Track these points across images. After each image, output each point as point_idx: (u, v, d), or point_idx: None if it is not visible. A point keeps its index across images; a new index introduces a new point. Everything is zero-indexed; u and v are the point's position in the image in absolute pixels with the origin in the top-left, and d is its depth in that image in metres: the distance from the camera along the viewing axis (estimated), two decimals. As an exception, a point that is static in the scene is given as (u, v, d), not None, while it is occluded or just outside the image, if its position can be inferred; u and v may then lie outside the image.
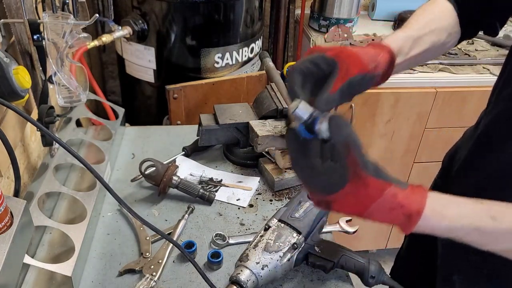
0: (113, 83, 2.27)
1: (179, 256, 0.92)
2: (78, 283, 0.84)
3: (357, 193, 0.55)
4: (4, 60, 0.76)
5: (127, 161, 1.21)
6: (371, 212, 0.56)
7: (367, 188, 0.54)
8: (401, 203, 0.55)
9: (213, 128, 1.15)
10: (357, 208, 0.56)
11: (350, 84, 0.63)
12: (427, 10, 0.84)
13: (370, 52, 0.68)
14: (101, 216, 1.02)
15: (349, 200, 0.56)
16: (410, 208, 0.55)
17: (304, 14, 2.10)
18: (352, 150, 0.54)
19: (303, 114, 0.57)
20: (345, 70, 0.63)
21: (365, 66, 0.64)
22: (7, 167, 0.92)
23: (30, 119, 0.71)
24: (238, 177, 1.16)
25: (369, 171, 0.54)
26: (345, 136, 0.54)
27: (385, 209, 0.55)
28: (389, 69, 0.71)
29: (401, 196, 0.55)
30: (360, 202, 0.55)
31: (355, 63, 0.64)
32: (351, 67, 0.63)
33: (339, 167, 0.55)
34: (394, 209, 0.55)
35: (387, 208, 0.55)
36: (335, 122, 0.56)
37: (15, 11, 0.91)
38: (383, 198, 0.54)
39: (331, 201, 0.57)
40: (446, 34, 0.81)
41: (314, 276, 0.90)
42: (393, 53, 0.71)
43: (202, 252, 0.94)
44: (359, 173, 0.54)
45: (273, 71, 1.27)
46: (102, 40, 1.43)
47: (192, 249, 0.91)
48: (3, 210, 0.64)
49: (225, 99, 1.62)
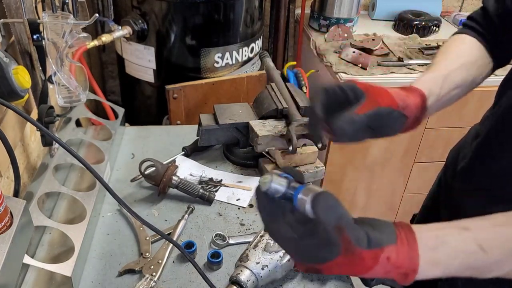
0: (112, 83, 2.27)
1: (179, 256, 0.92)
2: (78, 283, 0.84)
3: (351, 264, 0.52)
4: (4, 60, 0.76)
5: (127, 161, 1.21)
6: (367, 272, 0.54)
7: (362, 261, 0.52)
8: (396, 265, 0.53)
9: (213, 128, 1.14)
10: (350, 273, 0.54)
11: (379, 114, 0.64)
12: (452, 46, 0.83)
13: (401, 92, 0.69)
14: (101, 216, 1.02)
15: (341, 269, 0.53)
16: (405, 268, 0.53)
17: (304, 14, 2.10)
18: (343, 230, 0.50)
19: (279, 188, 0.53)
20: (373, 101, 0.64)
21: (394, 102, 0.66)
22: (7, 167, 0.92)
23: (30, 119, 0.71)
24: (238, 177, 1.16)
25: (361, 245, 0.51)
26: (336, 219, 0.50)
27: (380, 273, 0.54)
28: (422, 113, 0.71)
29: (394, 258, 0.53)
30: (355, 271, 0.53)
31: (384, 97, 0.66)
32: (380, 99, 0.65)
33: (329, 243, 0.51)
34: (389, 271, 0.53)
35: (382, 272, 0.54)
36: (322, 203, 0.51)
37: (15, 10, 0.91)
38: (378, 265, 0.52)
39: (321, 269, 0.54)
40: (476, 67, 0.80)
41: (314, 276, 0.90)
42: (424, 96, 0.71)
43: (202, 252, 0.94)
44: (353, 249, 0.51)
45: (273, 71, 1.27)
46: (102, 40, 1.43)
47: (192, 249, 0.91)
48: (2, 210, 0.63)
49: (225, 99, 1.62)
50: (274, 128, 1.10)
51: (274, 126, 1.11)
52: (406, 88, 0.72)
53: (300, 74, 1.78)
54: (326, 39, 1.91)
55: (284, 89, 1.18)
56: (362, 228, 0.52)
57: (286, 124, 1.11)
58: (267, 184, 0.53)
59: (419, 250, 0.53)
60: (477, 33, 0.83)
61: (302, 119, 1.07)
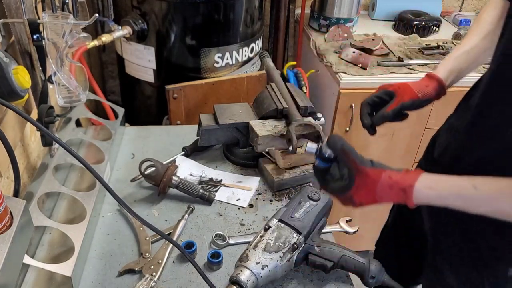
0: (112, 83, 2.27)
1: (179, 256, 0.92)
2: (78, 283, 0.84)
3: (364, 183, 0.73)
4: (4, 60, 0.76)
5: (127, 161, 1.21)
6: (379, 195, 0.73)
7: (368, 177, 0.72)
8: (396, 181, 0.71)
9: (213, 128, 1.14)
10: (369, 194, 0.73)
11: (402, 107, 0.92)
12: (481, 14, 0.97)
13: (422, 83, 0.94)
14: (101, 216, 1.02)
15: (361, 190, 0.74)
16: (404, 183, 0.71)
17: (304, 14, 2.09)
18: (348, 153, 0.74)
19: (312, 149, 0.83)
20: (400, 98, 0.93)
21: (415, 95, 0.92)
22: (7, 167, 0.92)
23: (30, 119, 0.71)
24: (238, 177, 1.16)
25: (366, 164, 0.73)
26: (340, 146, 0.76)
27: (386, 189, 0.72)
28: (441, 91, 0.94)
29: (396, 177, 0.72)
30: (369, 189, 0.73)
31: (407, 92, 0.92)
32: (404, 95, 0.92)
33: (348, 173, 0.75)
34: (392, 186, 0.71)
35: (387, 187, 0.72)
36: (331, 140, 0.77)
37: (15, 11, 0.91)
38: (381, 180, 0.72)
39: (352, 196, 0.75)
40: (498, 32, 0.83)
41: (314, 276, 0.90)
42: (441, 80, 0.94)
43: (202, 252, 0.94)
44: (360, 168, 0.73)
45: (273, 71, 1.27)
46: (101, 40, 1.43)
47: (192, 249, 0.91)
48: (2, 210, 0.63)
49: (225, 99, 1.62)
50: (274, 128, 1.10)
51: (274, 126, 1.11)
52: (427, 76, 0.95)
53: (300, 74, 1.78)
54: (326, 39, 1.91)
55: (284, 89, 1.18)
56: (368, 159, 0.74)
57: (286, 124, 1.11)
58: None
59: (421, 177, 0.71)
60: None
61: (302, 119, 1.07)
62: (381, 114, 0.92)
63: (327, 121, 1.74)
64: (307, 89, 1.75)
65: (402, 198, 0.71)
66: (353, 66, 1.70)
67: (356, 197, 0.74)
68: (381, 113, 0.93)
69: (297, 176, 1.12)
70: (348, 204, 0.78)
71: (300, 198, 0.94)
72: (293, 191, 1.13)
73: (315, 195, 0.95)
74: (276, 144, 1.09)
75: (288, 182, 1.12)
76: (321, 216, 0.92)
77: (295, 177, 1.13)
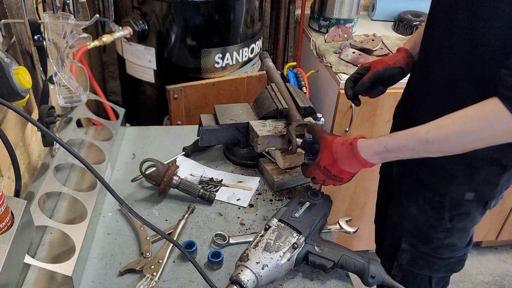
0: (113, 83, 2.28)
1: (180, 256, 0.92)
2: (79, 283, 0.85)
3: (324, 145, 0.91)
4: (5, 60, 0.76)
5: (128, 161, 1.21)
6: (335, 153, 0.88)
7: (327, 140, 0.91)
8: (346, 139, 0.88)
9: (213, 128, 1.15)
10: (328, 155, 0.89)
11: (376, 74, 1.07)
12: None
13: (393, 55, 1.10)
14: (102, 216, 1.02)
15: (323, 153, 0.90)
16: (350, 139, 0.87)
17: (304, 14, 2.10)
18: (317, 128, 0.95)
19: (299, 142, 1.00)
20: (374, 68, 1.08)
21: (386, 63, 1.07)
22: (8, 167, 0.93)
23: (31, 119, 0.71)
24: (238, 177, 1.17)
25: (325, 133, 0.93)
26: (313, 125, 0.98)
27: (339, 146, 0.88)
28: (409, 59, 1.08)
29: (346, 138, 0.89)
30: (328, 150, 0.89)
31: (380, 63, 1.08)
32: (377, 66, 1.08)
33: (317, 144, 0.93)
34: (343, 143, 0.88)
35: (339, 145, 0.88)
36: (309, 126, 0.99)
37: (16, 11, 0.91)
38: (335, 141, 0.89)
39: (319, 161, 0.91)
40: None
41: (314, 276, 0.90)
42: (408, 51, 1.09)
43: (202, 252, 0.94)
44: (322, 135, 0.93)
45: (273, 71, 1.27)
46: (102, 40, 1.43)
47: (192, 249, 0.91)
48: (3, 210, 0.64)
49: (225, 99, 1.62)
50: (274, 128, 1.10)
51: (274, 126, 1.11)
52: (397, 50, 1.12)
53: (300, 75, 1.78)
54: (326, 40, 1.91)
55: (284, 90, 1.18)
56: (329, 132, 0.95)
57: (286, 124, 1.11)
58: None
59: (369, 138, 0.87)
60: None
61: (302, 119, 1.07)
62: (360, 83, 1.08)
63: (327, 121, 1.74)
64: (307, 89, 1.75)
65: (352, 153, 0.86)
66: (353, 66, 1.70)
67: (322, 161, 0.90)
68: (360, 83, 1.08)
69: (297, 176, 1.13)
70: (319, 174, 0.92)
71: (300, 198, 0.94)
72: (293, 191, 1.13)
73: (315, 195, 0.95)
74: (276, 144, 1.09)
75: (288, 182, 1.13)
76: (321, 216, 0.92)
77: (295, 177, 1.13)
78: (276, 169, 1.14)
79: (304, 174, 0.98)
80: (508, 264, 2.22)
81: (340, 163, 0.88)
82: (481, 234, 2.14)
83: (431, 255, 1.07)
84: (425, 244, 1.06)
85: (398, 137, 0.82)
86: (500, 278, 2.14)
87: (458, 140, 0.76)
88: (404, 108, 1.12)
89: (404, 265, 1.12)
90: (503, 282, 2.12)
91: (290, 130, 1.02)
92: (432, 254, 1.07)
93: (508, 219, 2.08)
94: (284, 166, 1.12)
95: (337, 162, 0.88)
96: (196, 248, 0.93)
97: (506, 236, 2.17)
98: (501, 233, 2.14)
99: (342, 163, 0.87)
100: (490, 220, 2.08)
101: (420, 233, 1.06)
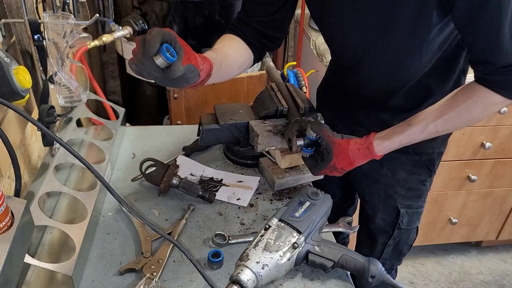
0: (113, 83, 2.27)
1: (180, 256, 0.92)
2: (79, 283, 0.84)
3: (339, 151, 0.93)
4: (5, 60, 0.76)
5: (128, 161, 1.21)
6: (352, 157, 0.93)
7: (341, 145, 0.93)
8: (361, 143, 0.93)
9: (213, 128, 1.14)
10: (345, 159, 0.93)
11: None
12: (225, 39, 1.10)
13: (200, 59, 0.92)
14: (102, 216, 1.02)
15: (338, 157, 0.93)
16: (366, 143, 0.92)
17: (304, 14, 2.09)
18: (325, 130, 0.94)
19: (301, 142, 0.99)
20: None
21: (197, 63, 0.90)
22: (8, 167, 0.93)
23: (31, 119, 0.71)
24: (238, 176, 1.16)
25: (336, 136, 0.94)
26: (319, 125, 0.96)
27: (355, 151, 0.93)
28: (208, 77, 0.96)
29: (359, 141, 0.93)
30: (343, 154, 0.93)
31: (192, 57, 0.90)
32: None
33: (327, 148, 0.94)
34: (359, 148, 0.93)
35: (356, 150, 0.93)
36: (313, 124, 0.96)
37: (16, 11, 0.91)
38: (350, 146, 0.93)
39: (334, 164, 0.95)
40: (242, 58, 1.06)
41: (314, 276, 0.90)
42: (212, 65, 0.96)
43: (202, 251, 0.94)
44: (333, 140, 0.93)
45: (273, 71, 1.27)
46: (102, 40, 1.43)
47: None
48: (3, 210, 0.64)
49: (225, 99, 1.62)
50: (274, 128, 1.10)
51: (274, 126, 1.11)
52: (201, 56, 0.94)
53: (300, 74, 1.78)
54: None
55: (284, 89, 1.18)
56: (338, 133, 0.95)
57: (286, 124, 1.11)
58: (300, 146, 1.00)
59: (374, 136, 0.93)
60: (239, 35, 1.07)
61: (302, 119, 1.07)
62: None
63: (327, 121, 1.74)
64: (307, 89, 1.75)
65: (370, 154, 0.92)
66: (353, 66, 1.70)
67: (338, 164, 0.94)
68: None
69: (297, 176, 1.13)
70: (334, 172, 0.96)
71: (300, 197, 0.94)
72: (293, 191, 1.13)
73: (315, 195, 0.95)
74: (276, 144, 1.09)
75: (288, 182, 1.13)
76: (321, 215, 0.92)
77: (295, 177, 1.13)
78: (276, 169, 1.14)
79: (315, 173, 1.00)
80: (508, 264, 2.22)
81: (357, 163, 0.95)
82: (481, 234, 2.14)
83: (422, 206, 1.20)
84: (418, 199, 1.18)
85: (410, 133, 0.91)
86: (500, 278, 2.14)
87: (463, 125, 0.91)
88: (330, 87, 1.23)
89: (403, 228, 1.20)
90: (503, 282, 2.12)
91: (290, 129, 1.02)
92: (422, 205, 1.20)
93: (508, 219, 2.08)
94: (284, 166, 1.12)
95: (354, 163, 0.94)
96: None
97: (506, 236, 2.17)
98: (501, 233, 2.15)
99: (358, 162, 0.95)
100: (490, 220, 2.08)
101: (413, 191, 1.16)
